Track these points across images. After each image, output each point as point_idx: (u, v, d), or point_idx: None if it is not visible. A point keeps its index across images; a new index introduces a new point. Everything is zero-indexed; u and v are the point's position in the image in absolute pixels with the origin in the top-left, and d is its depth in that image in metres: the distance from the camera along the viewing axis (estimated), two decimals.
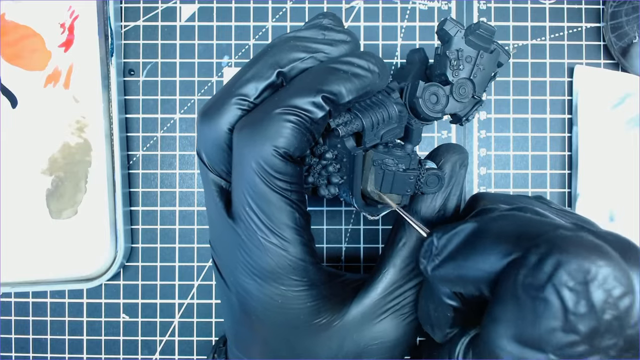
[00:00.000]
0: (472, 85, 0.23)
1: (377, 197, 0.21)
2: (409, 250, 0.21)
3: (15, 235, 0.30)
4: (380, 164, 0.20)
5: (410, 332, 0.22)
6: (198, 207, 0.32)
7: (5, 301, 0.32)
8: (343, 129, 0.20)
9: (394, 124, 0.21)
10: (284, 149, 0.18)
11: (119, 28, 0.32)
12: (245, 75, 0.20)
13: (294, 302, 0.20)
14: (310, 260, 0.20)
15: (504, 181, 0.33)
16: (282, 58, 0.19)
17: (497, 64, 0.23)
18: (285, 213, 0.19)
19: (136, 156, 0.32)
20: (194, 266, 0.32)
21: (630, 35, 0.30)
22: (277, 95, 0.19)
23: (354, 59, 0.19)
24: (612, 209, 0.31)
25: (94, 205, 0.30)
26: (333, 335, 0.21)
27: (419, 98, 0.21)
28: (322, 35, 0.20)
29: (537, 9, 0.32)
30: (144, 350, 0.33)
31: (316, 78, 0.19)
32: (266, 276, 0.19)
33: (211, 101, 0.20)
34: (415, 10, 0.32)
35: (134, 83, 0.32)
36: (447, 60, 0.22)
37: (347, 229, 0.32)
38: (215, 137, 0.20)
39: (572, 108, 0.32)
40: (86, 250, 0.30)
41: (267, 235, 0.19)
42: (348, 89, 0.19)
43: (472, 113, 0.23)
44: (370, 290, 0.21)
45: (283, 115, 0.18)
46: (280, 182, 0.18)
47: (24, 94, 0.30)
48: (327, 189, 0.22)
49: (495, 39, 0.23)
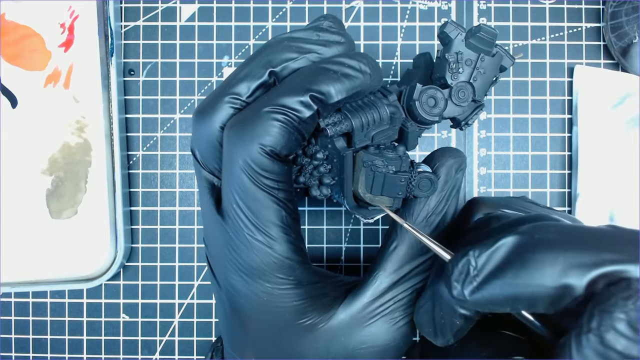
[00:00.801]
0: (472, 88, 0.22)
1: (369, 200, 0.21)
2: (400, 253, 0.21)
3: (15, 235, 0.30)
4: (370, 165, 0.20)
5: (400, 337, 0.21)
6: (198, 207, 0.32)
7: (5, 301, 0.32)
8: (332, 129, 0.20)
9: (385, 125, 0.21)
10: (271, 147, 0.18)
11: (119, 28, 0.32)
12: (238, 74, 0.20)
13: (279, 300, 0.20)
14: (297, 260, 0.20)
15: (504, 181, 0.33)
16: (274, 58, 0.20)
17: (499, 67, 0.23)
18: (272, 211, 0.19)
19: (136, 156, 0.32)
20: (194, 266, 0.32)
21: (630, 35, 0.30)
22: (267, 94, 0.19)
23: (345, 59, 0.19)
24: (612, 209, 0.31)
25: (94, 205, 0.30)
26: (320, 337, 0.21)
27: (416, 101, 0.21)
28: (316, 36, 0.20)
29: (537, 9, 0.32)
30: (144, 350, 0.33)
31: (306, 77, 0.19)
32: (252, 273, 0.19)
33: (206, 100, 0.20)
34: (415, 10, 0.32)
35: (134, 83, 0.32)
36: (446, 63, 0.22)
37: (347, 229, 0.32)
38: (208, 134, 0.20)
39: (572, 108, 0.32)
40: (86, 250, 0.30)
41: (253, 233, 0.19)
42: (337, 89, 0.19)
43: (472, 117, 0.23)
44: (359, 294, 0.21)
45: (271, 113, 0.18)
46: (267, 180, 0.19)
47: (24, 94, 0.30)
48: (319, 189, 0.22)
49: (497, 43, 0.23)
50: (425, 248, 0.21)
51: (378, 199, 0.21)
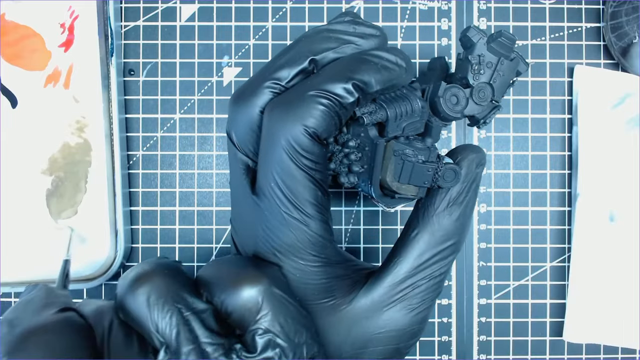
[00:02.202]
0: (492, 89, 0.24)
1: (395, 188, 0.22)
2: (421, 241, 0.22)
3: (15, 235, 0.30)
4: (401, 154, 0.21)
5: (417, 323, 0.22)
6: (198, 207, 0.32)
7: (5, 301, 0.32)
8: (368, 118, 0.21)
9: (416, 117, 0.22)
10: (314, 129, 0.19)
11: (119, 28, 0.32)
12: (279, 61, 0.21)
13: (310, 277, 0.21)
14: (329, 238, 0.21)
15: (504, 181, 0.33)
16: (315, 47, 0.21)
17: (516, 72, 0.25)
18: (309, 190, 0.20)
19: (136, 156, 0.32)
20: (194, 266, 0.32)
21: (630, 35, 0.30)
22: (309, 79, 0.20)
23: (383, 52, 0.21)
24: (612, 209, 0.31)
25: (94, 205, 0.30)
26: (342, 319, 0.21)
27: (440, 97, 0.23)
28: (353, 29, 0.21)
29: (537, 9, 0.32)
30: None
31: (348, 66, 0.20)
32: (286, 250, 0.20)
33: (245, 85, 0.21)
34: (415, 10, 0.32)
35: (134, 83, 0.32)
36: (468, 65, 0.23)
37: (347, 229, 0.32)
38: (247, 118, 0.21)
39: (572, 108, 0.32)
40: (86, 250, 0.30)
41: (289, 210, 0.20)
42: (377, 79, 0.20)
43: (489, 116, 0.24)
44: (380, 279, 0.22)
45: (315, 97, 0.19)
46: (306, 160, 0.19)
47: (24, 94, 0.30)
48: (347, 176, 0.23)
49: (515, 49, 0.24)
50: (445, 236, 0.22)
51: (405, 187, 0.22)
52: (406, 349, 0.23)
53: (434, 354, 0.33)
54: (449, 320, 0.33)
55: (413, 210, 0.23)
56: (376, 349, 0.22)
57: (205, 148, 0.32)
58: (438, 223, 0.22)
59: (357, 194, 0.32)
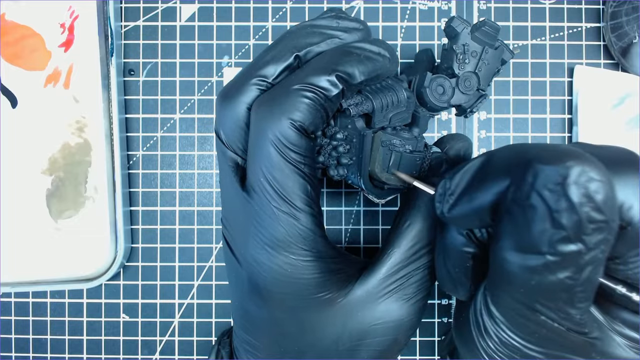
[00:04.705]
0: (477, 78, 0.24)
1: (385, 179, 0.22)
2: (414, 231, 0.22)
3: (15, 235, 0.30)
4: (389, 144, 0.21)
5: (414, 313, 0.22)
6: (198, 207, 0.32)
7: (5, 301, 0.32)
8: (354, 109, 0.21)
9: (402, 107, 0.22)
10: (300, 123, 0.19)
11: (119, 28, 0.32)
12: (264, 58, 0.21)
13: (302, 272, 0.20)
14: (319, 233, 0.21)
15: None
16: (299, 42, 0.21)
17: (501, 60, 0.25)
18: (298, 184, 0.20)
19: (136, 156, 0.32)
20: (194, 266, 0.32)
21: (630, 35, 0.30)
22: (294, 74, 0.21)
23: (365, 44, 0.21)
24: None
25: (94, 205, 0.30)
26: (338, 312, 0.21)
27: (427, 88, 0.23)
28: (336, 23, 0.22)
29: (537, 9, 0.32)
30: (144, 350, 0.33)
31: (331, 59, 0.20)
32: (277, 245, 0.20)
33: (231, 83, 0.21)
34: (415, 10, 0.32)
35: (134, 83, 0.32)
36: (453, 54, 0.24)
37: (347, 229, 0.32)
38: (235, 115, 0.21)
39: (572, 108, 0.32)
40: (86, 250, 0.30)
41: (279, 204, 0.20)
42: (360, 70, 0.20)
43: (476, 105, 0.25)
44: (374, 270, 0.22)
45: (300, 91, 0.19)
46: (294, 154, 0.20)
47: (24, 94, 0.30)
48: (336, 169, 0.23)
49: (499, 37, 0.24)
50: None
51: (394, 178, 0.22)
52: (405, 340, 0.23)
53: (434, 354, 0.33)
54: (449, 320, 0.33)
55: (404, 200, 0.23)
56: (374, 341, 0.22)
57: (205, 148, 0.32)
58: (429, 212, 0.22)
59: (357, 194, 0.32)
